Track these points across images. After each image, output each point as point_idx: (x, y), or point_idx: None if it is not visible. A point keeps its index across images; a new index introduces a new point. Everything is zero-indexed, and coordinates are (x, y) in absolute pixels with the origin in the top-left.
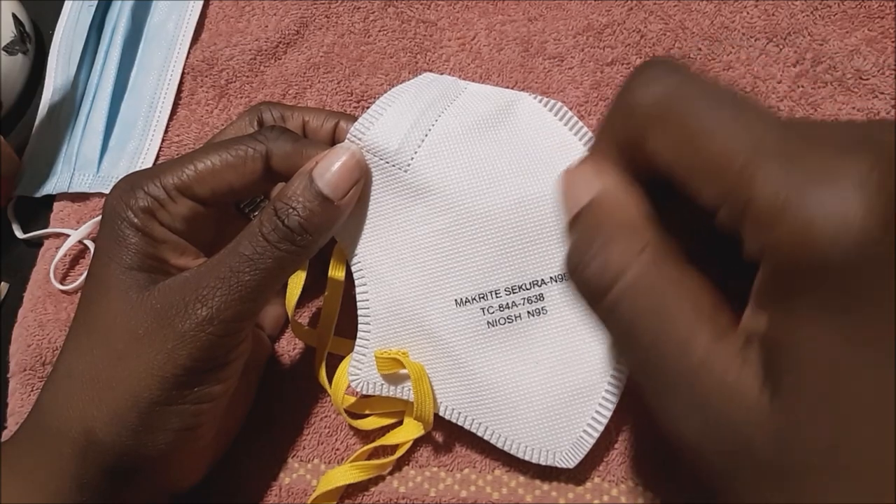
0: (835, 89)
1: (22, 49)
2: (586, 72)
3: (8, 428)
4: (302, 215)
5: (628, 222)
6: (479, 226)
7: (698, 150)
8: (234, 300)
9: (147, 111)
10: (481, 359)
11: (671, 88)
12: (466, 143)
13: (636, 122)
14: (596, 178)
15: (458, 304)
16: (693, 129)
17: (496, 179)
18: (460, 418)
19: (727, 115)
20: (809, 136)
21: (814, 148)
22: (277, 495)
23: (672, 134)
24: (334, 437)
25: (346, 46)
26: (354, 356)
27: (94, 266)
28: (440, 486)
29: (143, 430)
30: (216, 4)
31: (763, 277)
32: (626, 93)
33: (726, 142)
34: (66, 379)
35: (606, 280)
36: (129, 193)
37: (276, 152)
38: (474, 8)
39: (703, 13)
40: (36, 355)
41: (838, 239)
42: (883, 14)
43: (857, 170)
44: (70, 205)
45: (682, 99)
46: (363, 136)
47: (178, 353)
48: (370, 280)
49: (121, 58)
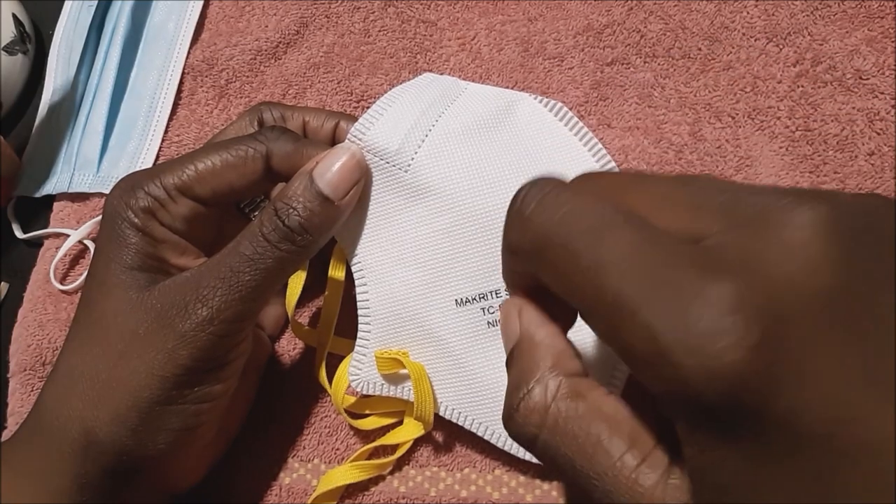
0: (835, 89)
1: (22, 49)
2: (586, 72)
3: (8, 428)
4: (302, 215)
5: (544, 364)
6: (479, 226)
7: (572, 291)
8: (234, 300)
9: (147, 111)
10: (482, 359)
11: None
12: (467, 143)
13: (521, 260)
14: (516, 320)
15: (458, 304)
16: (563, 271)
17: (496, 180)
18: (460, 418)
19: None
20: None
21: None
22: (277, 495)
23: (548, 273)
24: (334, 437)
25: (346, 46)
26: (354, 356)
27: (94, 266)
28: (440, 486)
29: (144, 430)
30: (216, 4)
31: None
32: (504, 232)
33: (594, 283)
34: (66, 379)
35: (531, 431)
36: (129, 193)
37: (276, 152)
38: (474, 8)
39: (703, 13)
40: (36, 355)
41: (710, 384)
42: (883, 14)
43: (720, 298)
44: (70, 205)
45: (549, 238)
46: (363, 136)
47: (179, 352)
48: (370, 280)
49: (121, 58)
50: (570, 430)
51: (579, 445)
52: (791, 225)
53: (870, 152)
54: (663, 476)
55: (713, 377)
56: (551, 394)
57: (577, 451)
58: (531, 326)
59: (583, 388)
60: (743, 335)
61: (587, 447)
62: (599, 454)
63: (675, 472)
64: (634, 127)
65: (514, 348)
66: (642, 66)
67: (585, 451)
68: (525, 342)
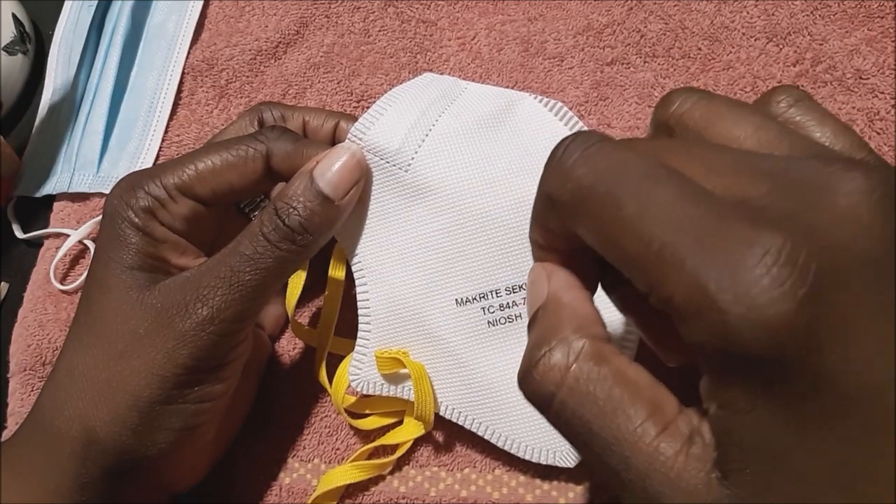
0: (835, 89)
1: (22, 49)
2: (586, 72)
3: (8, 428)
4: (302, 215)
5: (569, 325)
6: (479, 225)
7: (614, 242)
8: (234, 300)
9: (147, 111)
10: (482, 358)
11: (583, 175)
12: (467, 142)
13: (560, 213)
14: (544, 282)
15: (458, 303)
16: (606, 220)
17: (496, 179)
18: (461, 418)
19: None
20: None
21: (726, 227)
22: (277, 495)
23: (590, 225)
24: (334, 437)
25: (346, 46)
26: (355, 356)
27: (94, 266)
28: (440, 486)
29: (144, 430)
30: (216, 4)
31: (701, 365)
32: (543, 183)
33: (639, 233)
34: (66, 378)
35: (548, 389)
36: (129, 193)
37: (276, 152)
38: (474, 8)
39: (703, 13)
40: (36, 355)
41: (755, 333)
42: (883, 14)
43: (768, 250)
44: (70, 205)
45: (593, 187)
46: (364, 135)
47: (179, 352)
48: (370, 280)
49: (121, 58)
50: (590, 391)
51: (599, 408)
52: (841, 190)
53: None
54: (685, 446)
55: (759, 326)
56: (574, 354)
57: (596, 414)
58: (559, 289)
59: (606, 352)
60: (793, 286)
61: (607, 410)
62: (620, 418)
63: (697, 442)
64: (634, 127)
65: (539, 309)
66: (642, 65)
67: (605, 414)
68: (551, 303)
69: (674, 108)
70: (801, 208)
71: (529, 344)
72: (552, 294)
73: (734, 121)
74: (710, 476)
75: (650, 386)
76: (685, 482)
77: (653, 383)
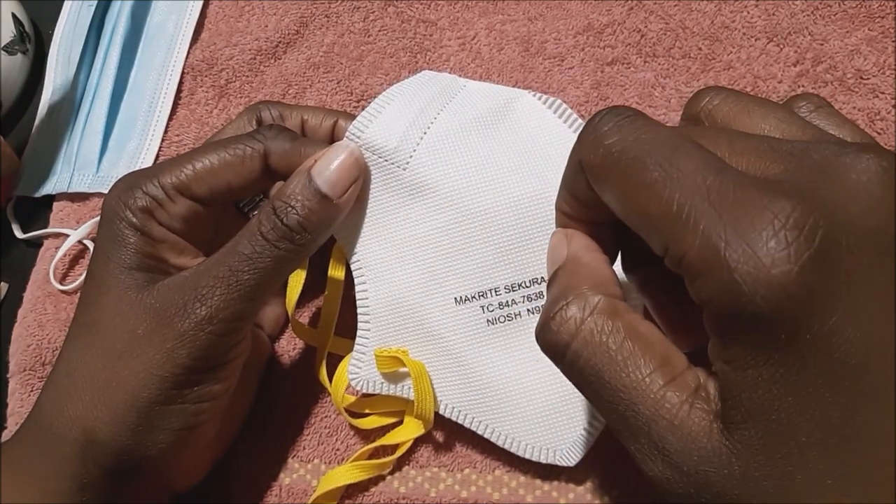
0: (835, 89)
1: (22, 49)
2: (586, 71)
3: (8, 428)
4: (301, 214)
5: (587, 283)
6: (478, 224)
7: (637, 204)
8: (233, 299)
9: (147, 111)
10: (481, 357)
11: (614, 143)
12: (465, 140)
13: (589, 177)
14: (564, 244)
15: (457, 302)
16: (632, 184)
17: (495, 177)
18: (461, 416)
19: (664, 166)
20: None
21: (742, 194)
22: (277, 495)
23: (616, 188)
24: (334, 437)
25: (346, 46)
26: (354, 355)
27: (93, 266)
28: (440, 486)
29: (143, 430)
30: (216, 4)
31: (707, 324)
32: (576, 150)
33: (661, 195)
34: (65, 379)
35: (563, 339)
36: (127, 193)
37: (274, 151)
38: (474, 8)
39: (703, 13)
40: (36, 355)
41: (759, 291)
42: (883, 14)
43: (777, 215)
44: (70, 205)
45: (623, 153)
46: (362, 134)
47: (178, 352)
48: (370, 278)
49: (120, 58)
50: (603, 342)
51: (611, 358)
52: (854, 169)
53: None
54: (690, 397)
55: (765, 285)
56: (590, 308)
57: (607, 364)
58: (579, 250)
59: (620, 308)
60: (799, 249)
61: (618, 360)
62: (630, 368)
63: (702, 395)
64: None
65: (559, 269)
66: (643, 65)
67: (616, 363)
68: (571, 262)
69: (704, 102)
70: (815, 183)
71: (548, 299)
72: (571, 255)
73: (761, 115)
74: (713, 426)
75: (661, 342)
76: (687, 428)
77: (663, 340)
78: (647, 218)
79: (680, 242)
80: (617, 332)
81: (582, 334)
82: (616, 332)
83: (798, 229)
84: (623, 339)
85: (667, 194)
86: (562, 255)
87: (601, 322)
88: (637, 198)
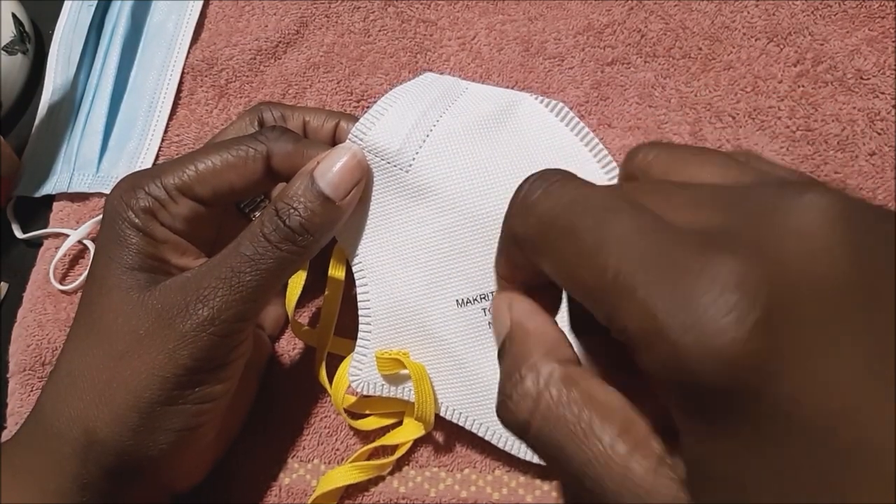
0: (835, 89)
1: (22, 49)
2: (586, 72)
3: (8, 428)
4: (303, 215)
5: (536, 352)
6: (480, 226)
7: (574, 275)
8: (234, 300)
9: (147, 111)
10: (482, 359)
11: (544, 212)
12: (468, 143)
13: (522, 250)
14: (506, 311)
15: (459, 304)
16: (566, 254)
17: (497, 180)
18: (461, 418)
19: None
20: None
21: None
22: (277, 495)
23: (551, 259)
24: (334, 437)
25: (346, 46)
26: (355, 356)
27: (94, 266)
28: (440, 487)
29: (144, 430)
30: (216, 4)
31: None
32: (506, 221)
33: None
34: (66, 379)
35: (523, 417)
36: (129, 193)
37: (276, 152)
38: (474, 8)
39: (703, 13)
40: (35, 355)
41: (706, 363)
42: (883, 14)
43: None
44: (70, 205)
45: (553, 222)
46: (364, 136)
47: (179, 353)
48: (371, 280)
49: (120, 58)
50: (561, 415)
51: (570, 430)
52: (797, 210)
53: (871, 152)
54: (656, 464)
55: (711, 356)
56: (544, 379)
57: (567, 437)
58: (522, 317)
59: (576, 375)
60: (744, 312)
61: (578, 432)
62: (591, 439)
63: (668, 463)
64: (635, 127)
65: (506, 339)
66: (643, 65)
67: (576, 436)
68: (517, 331)
69: (638, 158)
70: (757, 232)
71: (501, 376)
72: (515, 322)
73: (699, 164)
74: (678, 495)
75: (621, 407)
76: (654, 500)
77: (624, 404)
78: (585, 288)
79: (620, 313)
80: (574, 402)
81: (540, 410)
82: (573, 403)
83: (741, 290)
84: (581, 409)
85: (601, 262)
86: (506, 324)
87: (556, 394)
88: (573, 268)
